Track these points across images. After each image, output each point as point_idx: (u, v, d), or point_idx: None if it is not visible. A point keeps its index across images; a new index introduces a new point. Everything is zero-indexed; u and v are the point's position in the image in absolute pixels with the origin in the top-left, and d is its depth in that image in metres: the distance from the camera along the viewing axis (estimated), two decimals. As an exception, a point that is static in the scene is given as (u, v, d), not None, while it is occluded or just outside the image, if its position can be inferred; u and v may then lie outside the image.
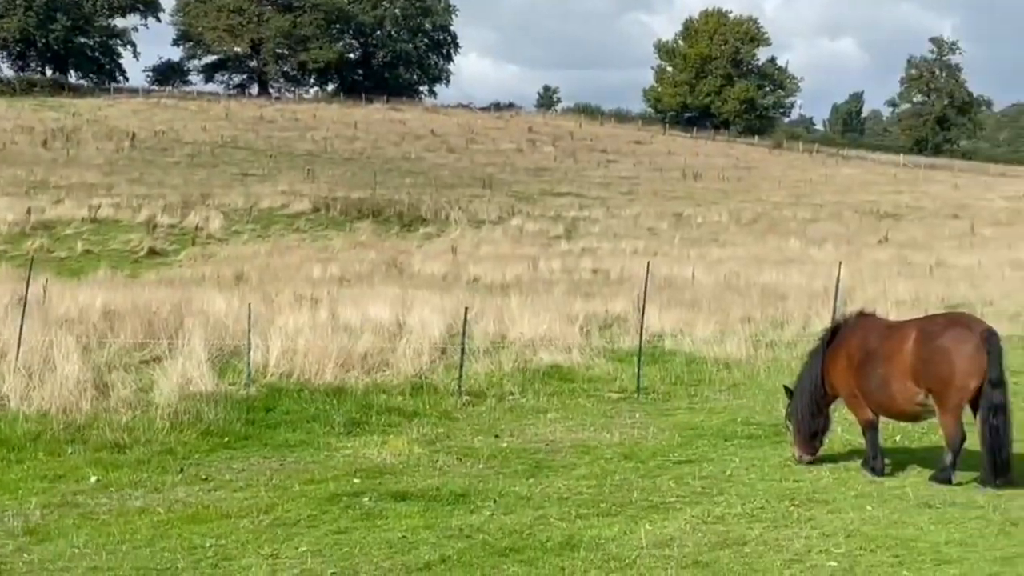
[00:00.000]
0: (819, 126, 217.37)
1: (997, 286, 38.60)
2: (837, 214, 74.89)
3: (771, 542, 11.34)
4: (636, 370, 20.81)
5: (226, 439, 15.76)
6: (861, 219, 72.86)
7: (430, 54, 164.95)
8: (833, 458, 15.31)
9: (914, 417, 14.49)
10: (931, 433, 15.47)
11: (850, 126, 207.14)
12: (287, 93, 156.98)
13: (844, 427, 16.36)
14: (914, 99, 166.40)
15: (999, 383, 13.47)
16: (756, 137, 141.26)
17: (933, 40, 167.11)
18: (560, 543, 11.11)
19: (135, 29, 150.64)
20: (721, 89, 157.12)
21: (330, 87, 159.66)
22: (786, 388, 15.83)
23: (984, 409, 13.52)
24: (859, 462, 14.78)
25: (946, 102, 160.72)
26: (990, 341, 13.49)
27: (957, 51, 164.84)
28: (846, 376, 14.41)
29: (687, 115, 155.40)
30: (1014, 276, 42.85)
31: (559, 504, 12.67)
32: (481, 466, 14.55)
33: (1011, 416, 13.80)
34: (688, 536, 11.47)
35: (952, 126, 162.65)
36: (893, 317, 17.95)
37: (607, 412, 18.57)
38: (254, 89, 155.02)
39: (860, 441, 15.00)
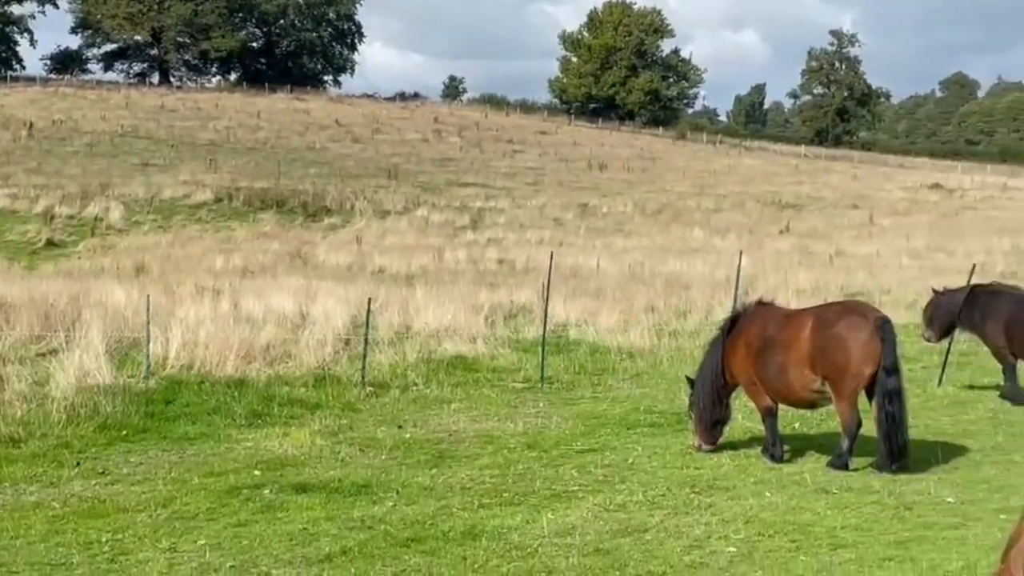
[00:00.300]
0: (723, 117, 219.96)
1: (895, 275, 39.25)
2: (740, 204, 75.71)
3: (671, 529, 11.44)
4: (540, 360, 20.85)
5: (124, 432, 15.50)
6: (763, 209, 73.71)
7: (334, 43, 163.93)
8: (734, 445, 15.48)
9: (811, 404, 14.71)
10: (829, 420, 15.68)
11: (753, 117, 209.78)
12: (189, 82, 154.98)
13: (745, 415, 16.54)
14: (815, 91, 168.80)
15: (894, 370, 13.73)
16: (660, 128, 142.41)
17: (833, 33, 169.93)
18: (462, 533, 11.10)
19: (32, 16, 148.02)
20: (626, 80, 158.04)
21: (233, 76, 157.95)
22: (688, 378, 15.98)
23: (879, 395, 13.77)
24: (759, 449, 14.96)
25: (846, 94, 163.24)
26: (884, 328, 13.74)
27: (856, 43, 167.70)
28: (745, 364, 14.58)
29: (592, 106, 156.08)
30: (911, 265, 43.65)
31: (462, 494, 12.66)
32: (384, 457, 14.49)
33: (906, 402, 14.07)
34: (590, 524, 11.52)
35: (852, 117, 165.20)
36: (794, 306, 18.16)
37: (511, 402, 18.58)
38: (155, 78, 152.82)
39: (760, 428, 15.20)
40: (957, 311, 19.69)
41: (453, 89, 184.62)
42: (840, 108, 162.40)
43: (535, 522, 11.52)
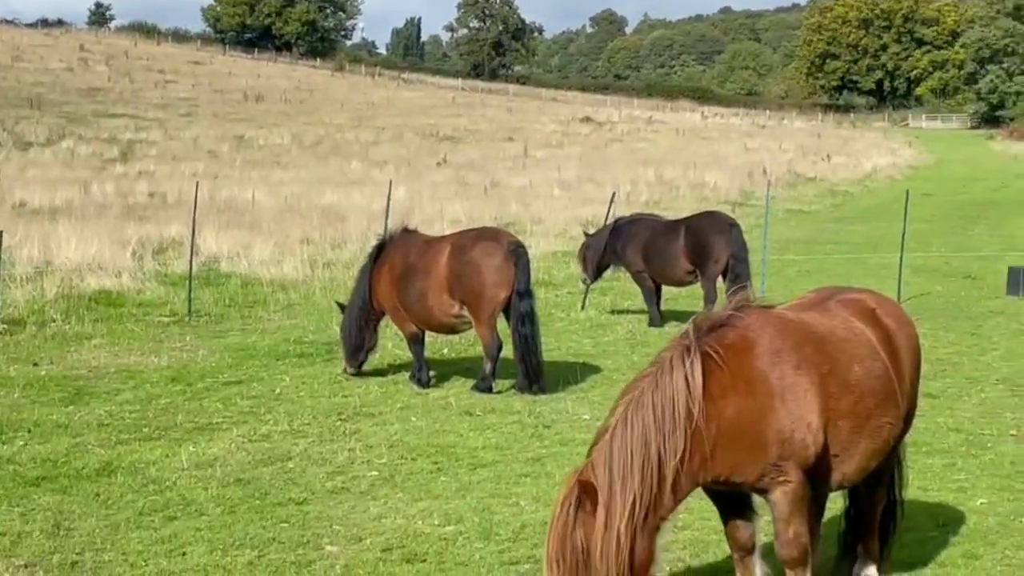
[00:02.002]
0: (381, 50, 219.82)
1: (547, 205, 40.26)
2: (399, 137, 75.89)
3: (315, 456, 11.43)
4: (188, 293, 20.33)
5: None
6: (421, 142, 74.16)
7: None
8: (382, 372, 15.62)
9: (452, 329, 14.98)
10: (477, 345, 16.00)
11: (411, 51, 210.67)
12: None
13: (395, 342, 16.68)
14: (471, 24, 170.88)
15: (526, 294, 14.18)
16: (318, 60, 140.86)
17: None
18: (96, 469, 10.76)
19: None
20: (282, 10, 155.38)
21: None
22: (339, 303, 16.03)
23: (513, 319, 14.19)
24: (407, 375, 15.12)
25: (501, 28, 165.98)
26: (517, 254, 14.15)
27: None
28: (389, 291, 14.71)
29: (248, 36, 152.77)
30: (562, 195, 44.82)
31: (99, 430, 12.25)
32: (16, 395, 13.82)
33: (539, 325, 14.55)
34: (232, 455, 11.38)
35: (507, 51, 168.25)
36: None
37: (156, 336, 18.06)
38: None
39: (408, 355, 15.35)
40: (603, 251, 20.40)
41: (100, 16, 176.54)
42: (496, 42, 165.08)
43: (175, 456, 11.28)
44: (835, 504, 8.41)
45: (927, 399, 13.71)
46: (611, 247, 20.28)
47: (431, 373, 15.06)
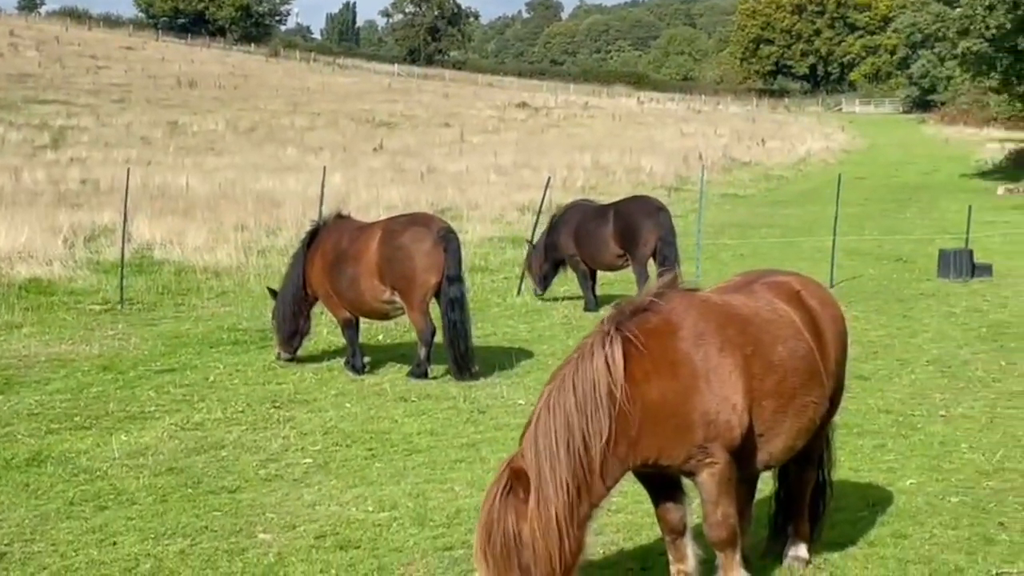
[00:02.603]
0: (316, 36, 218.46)
1: (483, 190, 40.21)
2: (334, 123, 75.44)
3: (249, 444, 11.37)
4: (120, 281, 20.12)
5: None
6: (357, 128, 73.76)
7: None
8: (317, 359, 15.56)
9: (385, 315, 14.94)
10: (412, 331, 15.92)
11: (346, 36, 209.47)
12: None
13: (329, 329, 16.62)
14: (406, 9, 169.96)
15: (456, 279, 14.18)
16: (253, 45, 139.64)
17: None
18: (26, 459, 10.65)
19: None
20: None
21: None
22: (270, 289, 15.95)
23: (443, 304, 14.19)
24: (342, 362, 15.06)
25: (436, 13, 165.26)
26: (447, 239, 14.14)
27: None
28: (321, 277, 14.66)
29: (180, 21, 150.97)
30: (498, 181, 44.79)
31: (29, 420, 12.12)
32: (-57, 387, 13.63)
33: (469, 311, 14.55)
34: (164, 444, 11.29)
35: (443, 37, 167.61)
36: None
37: (88, 325, 17.85)
38: None
39: (343, 341, 15.27)
40: (544, 249, 20.41)
41: (30, 1, 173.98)
42: (431, 27, 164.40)
43: (106, 445, 11.18)
44: (766, 486, 8.50)
45: (858, 381, 13.89)
46: (550, 239, 20.32)
47: (366, 359, 15.02)
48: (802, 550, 8.18)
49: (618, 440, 6.65)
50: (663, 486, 7.28)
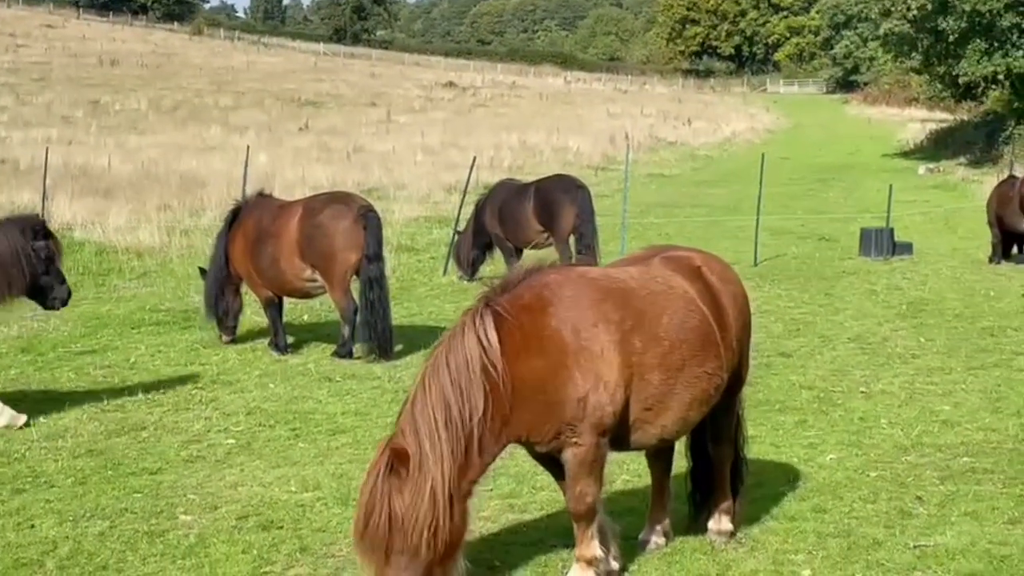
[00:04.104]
0: (240, 14, 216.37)
1: (410, 171, 40.06)
2: (259, 102, 74.74)
3: (170, 425, 11.27)
4: (39, 262, 19.76)
5: None
6: (283, 107, 73.13)
7: None
8: (242, 339, 15.42)
9: (306, 294, 14.86)
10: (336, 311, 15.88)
11: (271, 14, 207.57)
12: None
13: (253, 309, 16.46)
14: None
15: (375, 258, 14.12)
16: (176, 23, 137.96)
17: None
18: (-59, 445, 10.45)
19: None
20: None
21: None
22: (201, 269, 15.83)
23: (362, 283, 14.13)
24: (266, 342, 14.95)
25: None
26: (367, 217, 14.09)
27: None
28: (243, 256, 14.55)
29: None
30: (425, 161, 44.66)
31: (-56, 403, 11.88)
32: None
33: (388, 290, 14.49)
34: (84, 426, 11.17)
35: (369, 16, 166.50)
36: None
37: (6, 306, 17.52)
38: None
39: (267, 321, 15.16)
40: (472, 234, 20.45)
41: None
42: (357, 5, 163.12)
43: (25, 427, 11.00)
44: (681, 464, 8.53)
45: (780, 358, 14.04)
46: (478, 226, 20.36)
47: (290, 339, 14.93)
48: (725, 523, 8.25)
49: (494, 417, 6.68)
50: (560, 465, 7.22)
